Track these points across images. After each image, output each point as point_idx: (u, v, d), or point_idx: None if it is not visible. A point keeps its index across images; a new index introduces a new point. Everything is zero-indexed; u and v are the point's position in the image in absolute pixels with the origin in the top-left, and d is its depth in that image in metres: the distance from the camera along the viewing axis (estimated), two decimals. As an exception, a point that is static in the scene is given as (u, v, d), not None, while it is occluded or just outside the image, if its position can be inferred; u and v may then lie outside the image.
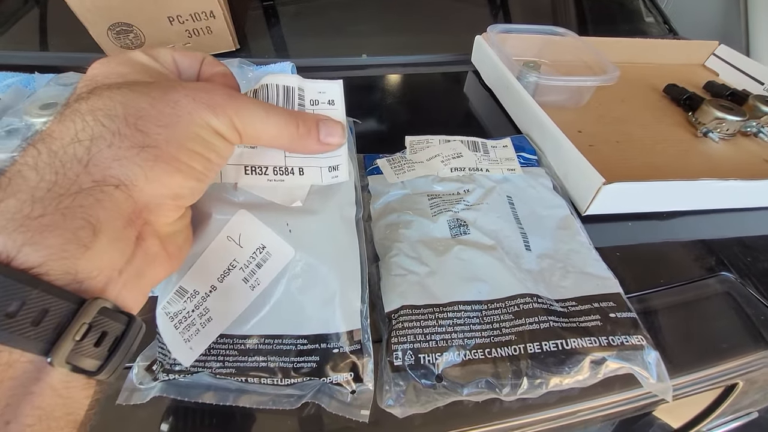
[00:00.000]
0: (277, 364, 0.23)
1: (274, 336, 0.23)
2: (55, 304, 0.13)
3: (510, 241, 0.30)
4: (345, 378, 0.23)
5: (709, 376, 0.29)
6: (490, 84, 0.52)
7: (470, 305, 0.26)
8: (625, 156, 0.42)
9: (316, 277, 0.24)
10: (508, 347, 0.24)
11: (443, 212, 0.31)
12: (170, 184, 0.17)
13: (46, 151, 0.15)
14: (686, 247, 0.35)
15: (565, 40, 0.53)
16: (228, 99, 0.18)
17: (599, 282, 0.28)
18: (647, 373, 0.24)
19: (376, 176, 0.35)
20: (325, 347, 0.23)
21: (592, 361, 0.24)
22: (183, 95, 0.17)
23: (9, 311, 0.13)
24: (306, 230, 0.24)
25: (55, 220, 0.14)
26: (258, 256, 0.23)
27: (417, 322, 0.25)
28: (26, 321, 0.13)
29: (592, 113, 0.48)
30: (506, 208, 0.32)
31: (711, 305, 0.31)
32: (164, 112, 0.16)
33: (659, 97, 0.53)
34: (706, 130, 0.45)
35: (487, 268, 0.27)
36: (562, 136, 0.36)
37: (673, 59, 0.60)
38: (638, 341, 0.24)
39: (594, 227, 0.35)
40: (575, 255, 0.30)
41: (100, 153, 0.15)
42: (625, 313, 0.26)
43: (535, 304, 0.26)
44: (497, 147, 0.39)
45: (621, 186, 0.32)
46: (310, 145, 0.22)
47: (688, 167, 0.41)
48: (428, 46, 0.61)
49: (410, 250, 0.29)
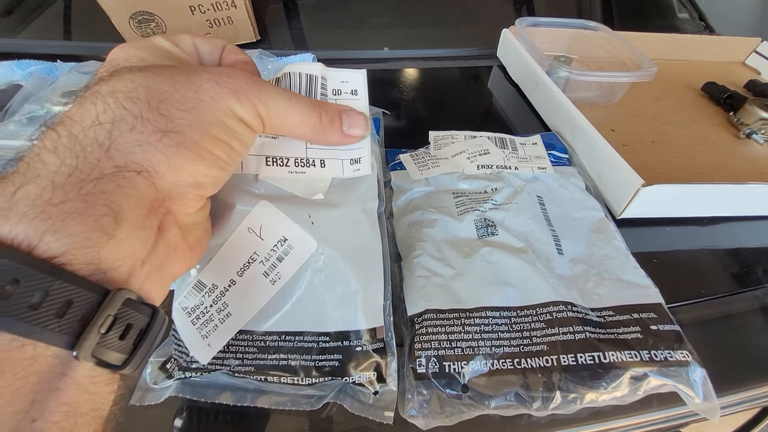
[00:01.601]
0: (298, 362, 0.22)
1: (295, 333, 0.22)
2: (79, 295, 0.13)
3: (541, 243, 0.28)
4: (368, 378, 0.22)
5: (750, 397, 0.27)
6: (516, 79, 0.50)
7: (498, 311, 0.24)
8: (662, 157, 0.40)
9: (338, 272, 0.23)
10: (540, 358, 0.22)
11: (470, 211, 0.30)
12: (193, 172, 0.16)
13: (66, 134, 0.14)
14: (729, 256, 0.32)
15: (597, 34, 0.51)
16: (252, 85, 0.18)
17: (638, 291, 0.26)
18: (693, 392, 0.22)
19: (399, 172, 0.34)
20: (348, 345, 0.22)
21: (632, 376, 0.22)
22: (206, 79, 0.17)
23: (32, 303, 0.12)
24: (328, 223, 0.24)
25: (77, 207, 0.13)
26: (279, 249, 0.23)
27: (442, 327, 0.23)
28: (50, 313, 0.12)
29: (626, 111, 0.46)
30: (536, 209, 0.30)
31: (755, 319, 0.29)
32: (187, 96, 0.16)
33: (697, 96, 0.50)
34: (750, 131, 0.42)
35: (516, 272, 0.26)
36: (597, 133, 0.34)
37: (711, 56, 0.57)
38: (683, 357, 0.23)
39: (629, 231, 0.33)
40: (611, 261, 0.28)
41: (122, 137, 0.14)
42: (668, 325, 0.24)
43: (569, 312, 0.24)
44: (526, 144, 0.37)
45: (661, 188, 0.30)
46: (332, 136, 0.22)
47: (730, 170, 0.39)
48: (451, 40, 0.60)
49: (435, 251, 0.27)
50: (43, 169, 0.13)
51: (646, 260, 0.31)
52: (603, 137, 0.34)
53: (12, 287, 0.12)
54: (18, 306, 0.12)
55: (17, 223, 0.12)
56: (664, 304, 0.25)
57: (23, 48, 0.50)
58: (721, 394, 0.26)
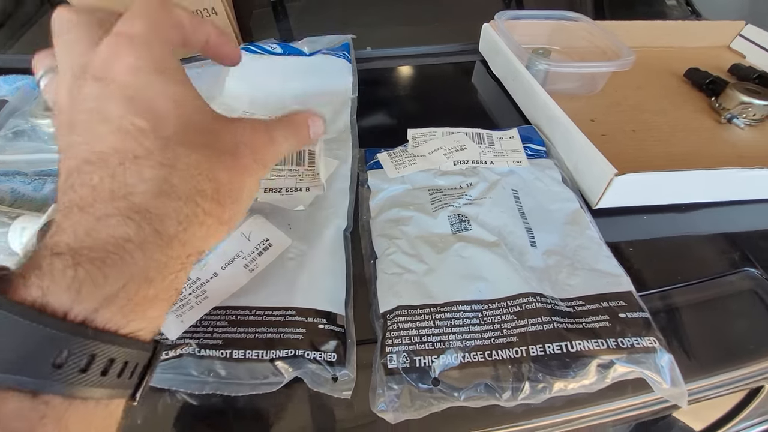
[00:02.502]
0: (265, 335, 0.23)
1: (265, 308, 0.24)
2: (135, 357, 0.15)
3: (514, 237, 0.28)
4: (328, 356, 0.22)
5: (731, 380, 0.27)
6: (497, 73, 0.50)
7: (470, 305, 0.25)
8: (642, 145, 0.40)
9: (307, 262, 0.27)
10: (510, 349, 0.23)
11: (444, 207, 0.30)
12: (219, 240, 0.19)
13: (151, 231, 0.15)
14: (707, 242, 0.32)
15: (577, 25, 0.51)
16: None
17: (610, 280, 0.26)
18: (659, 377, 0.22)
19: (376, 171, 0.34)
20: (312, 321, 0.24)
21: (600, 364, 0.22)
22: (251, 160, 0.18)
23: (118, 371, 0.14)
24: (303, 228, 0.29)
25: (158, 296, 0.15)
26: (261, 247, 0.26)
27: (413, 323, 0.24)
28: (124, 376, 0.14)
29: (607, 101, 0.46)
30: (511, 203, 0.30)
31: (734, 303, 0.29)
32: (235, 186, 0.17)
33: (680, 83, 0.50)
34: (731, 115, 0.42)
35: (488, 265, 0.26)
36: (571, 124, 0.35)
37: (695, 42, 0.57)
38: (650, 343, 0.23)
39: (606, 221, 0.33)
40: (584, 251, 0.28)
41: (194, 234, 0.16)
42: (637, 312, 0.24)
43: (538, 303, 0.24)
44: (503, 138, 0.37)
45: (634, 177, 0.30)
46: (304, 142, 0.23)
47: (710, 156, 0.39)
48: (435, 37, 0.60)
49: (408, 247, 0.28)
50: (135, 266, 0.14)
51: (623, 249, 0.31)
52: (578, 128, 0.35)
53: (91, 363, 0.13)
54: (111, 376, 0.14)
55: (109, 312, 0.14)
56: (634, 293, 0.25)
57: (11, 63, 0.51)
58: (695, 377, 0.26)
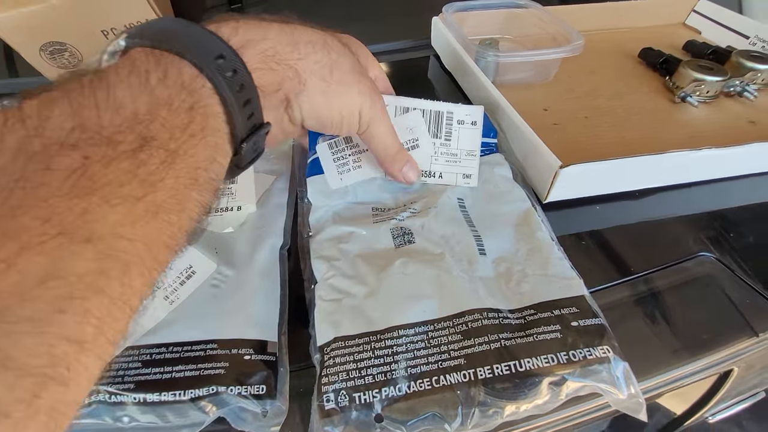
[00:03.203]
0: (183, 373, 0.21)
1: (183, 343, 0.22)
2: (257, 114, 0.20)
3: (462, 246, 0.27)
4: (256, 390, 0.21)
5: (698, 368, 0.27)
6: (449, 68, 0.48)
7: (414, 328, 0.23)
8: (595, 132, 0.39)
9: (233, 287, 0.25)
10: (457, 373, 0.21)
11: (385, 221, 0.28)
12: (311, 109, 0.23)
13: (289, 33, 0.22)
14: (662, 228, 0.32)
15: (529, 12, 0.50)
16: (381, 109, 0.26)
17: (562, 284, 0.25)
18: (615, 389, 0.21)
19: (317, 179, 0.31)
20: (236, 353, 0.22)
21: (551, 382, 0.21)
22: (367, 81, 0.25)
23: (243, 103, 0.18)
24: (231, 250, 0.27)
25: (276, 70, 0.21)
26: (183, 275, 0.24)
27: (350, 355, 0.22)
28: (247, 114, 0.19)
29: (561, 88, 0.45)
30: (457, 212, 0.29)
31: (691, 290, 0.28)
32: (349, 78, 0.24)
33: (635, 64, 0.49)
34: (684, 94, 0.41)
35: (433, 281, 0.24)
36: (517, 116, 0.33)
37: (649, 21, 0.56)
38: (603, 353, 0.21)
39: (558, 214, 0.32)
40: (536, 254, 0.26)
41: (308, 62, 0.22)
42: (590, 320, 0.23)
43: (485, 320, 0.23)
44: (464, 125, 0.32)
45: (579, 168, 0.29)
46: (394, 169, 0.29)
47: (664, 138, 0.38)
48: (388, 34, 0.58)
49: (348, 268, 0.26)
50: (274, 39, 0.21)
51: (574, 243, 0.30)
52: (529, 119, 0.33)
53: None
54: (240, 99, 0.18)
55: (253, 56, 0.20)
56: (587, 296, 0.24)
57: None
58: (656, 372, 0.25)
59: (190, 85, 0.16)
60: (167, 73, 0.16)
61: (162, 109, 0.15)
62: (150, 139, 0.14)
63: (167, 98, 0.15)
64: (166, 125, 0.15)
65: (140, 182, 0.13)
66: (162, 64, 0.16)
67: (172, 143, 0.15)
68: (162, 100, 0.15)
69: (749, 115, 0.41)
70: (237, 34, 0.19)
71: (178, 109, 0.15)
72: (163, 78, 0.16)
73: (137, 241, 0.13)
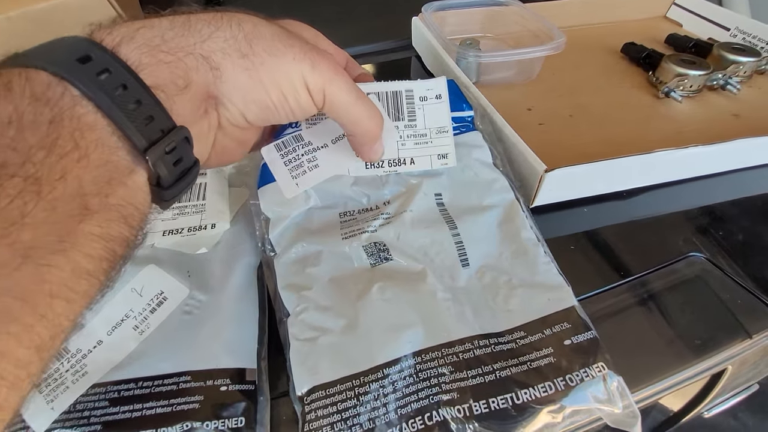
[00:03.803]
0: (153, 410, 0.20)
1: (154, 377, 0.21)
2: (160, 115, 0.16)
3: (443, 257, 0.25)
4: (234, 424, 0.19)
5: (688, 375, 0.26)
6: (431, 68, 0.47)
7: (399, 363, 0.21)
8: (579, 131, 0.38)
9: (207, 314, 0.23)
10: (451, 408, 0.19)
11: (356, 234, 0.25)
12: (245, 97, 0.19)
13: (182, 19, 0.18)
14: (651, 229, 0.31)
15: (509, 9, 0.49)
16: (331, 69, 0.20)
17: (551, 296, 0.23)
18: (611, 406, 0.20)
19: (269, 188, 0.27)
20: (212, 384, 0.20)
21: (549, 410, 0.20)
22: (299, 45, 0.20)
23: (130, 107, 0.15)
24: (204, 272, 0.25)
25: (170, 60, 0.17)
26: (154, 302, 0.23)
27: (333, 405, 0.20)
28: (141, 118, 0.15)
29: (544, 86, 0.44)
30: (435, 213, 0.27)
31: (682, 294, 0.27)
32: (277, 46, 0.19)
33: (617, 59, 0.48)
34: (668, 89, 0.41)
35: (416, 307, 0.23)
36: (501, 119, 0.33)
37: (631, 15, 0.56)
38: (599, 371, 0.20)
39: (546, 218, 0.31)
40: (522, 258, 0.25)
41: (215, 41, 0.18)
42: (582, 335, 0.22)
43: (477, 350, 0.21)
44: (428, 100, 0.28)
45: (564, 171, 0.28)
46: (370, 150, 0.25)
47: (649, 135, 0.37)
48: (370, 35, 0.57)
49: (322, 298, 0.23)
50: (159, 26, 0.17)
51: (562, 248, 0.29)
52: (513, 121, 0.32)
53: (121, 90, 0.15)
54: (125, 102, 0.15)
55: (133, 50, 0.16)
56: (577, 307, 0.23)
57: None
58: (655, 379, 0.24)
59: (45, 95, 0.13)
60: (10, 85, 0.13)
61: (8, 128, 0.12)
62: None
63: (12, 114, 0.12)
64: (17, 147, 0.12)
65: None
66: (3, 77, 0.13)
67: (29, 167, 0.12)
68: (5, 117, 0.12)
69: (733, 108, 0.40)
70: (112, 32, 0.16)
71: (32, 124, 0.13)
72: (5, 92, 0.13)
73: (1, 296, 0.11)
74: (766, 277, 0.28)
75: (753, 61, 0.42)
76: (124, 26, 0.16)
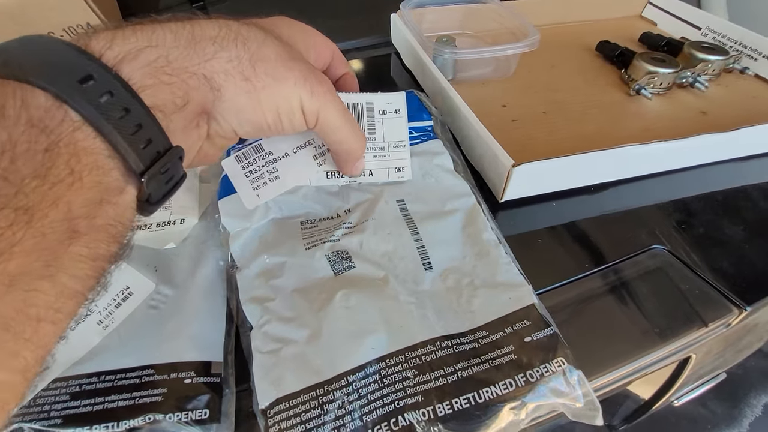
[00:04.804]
0: (116, 403, 0.20)
1: (116, 371, 0.21)
2: (157, 136, 0.16)
3: (405, 262, 0.25)
4: (198, 415, 0.20)
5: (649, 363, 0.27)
6: (409, 65, 0.48)
7: (364, 369, 0.21)
8: (552, 127, 0.39)
9: (173, 308, 0.23)
10: (416, 411, 0.20)
11: (319, 244, 0.25)
12: (242, 118, 0.20)
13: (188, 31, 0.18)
14: (617, 222, 0.32)
15: (487, 7, 0.49)
16: (327, 94, 0.22)
17: (512, 294, 0.24)
18: (572, 400, 0.20)
19: (230, 200, 0.26)
20: (176, 377, 0.21)
21: (512, 407, 0.20)
22: (300, 69, 0.21)
23: (130, 130, 0.15)
24: (172, 268, 0.25)
25: (172, 81, 0.17)
26: (120, 297, 0.23)
27: (297, 416, 0.19)
28: (140, 141, 0.15)
29: (520, 83, 0.45)
30: (398, 219, 0.27)
31: (643, 284, 0.28)
32: (279, 70, 0.20)
33: (593, 57, 0.49)
34: (639, 87, 0.42)
35: (379, 313, 0.23)
36: (472, 114, 0.33)
37: (608, 13, 0.57)
38: (559, 366, 0.21)
39: (514, 213, 0.32)
40: (484, 260, 0.25)
41: (219, 62, 0.18)
42: (542, 331, 0.22)
43: (439, 351, 0.22)
44: (387, 114, 0.29)
45: (532, 166, 0.29)
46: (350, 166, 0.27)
47: (619, 131, 0.38)
48: (351, 31, 0.57)
49: (285, 309, 0.23)
50: (164, 44, 0.17)
51: (529, 242, 0.30)
52: (485, 117, 0.33)
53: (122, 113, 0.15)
54: (126, 126, 0.15)
55: (136, 70, 0.16)
56: (536, 305, 0.23)
57: None
58: (618, 365, 0.25)
59: (43, 121, 0.13)
60: (4, 110, 0.12)
61: (1, 158, 0.12)
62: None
63: (6, 143, 0.12)
64: (9, 178, 0.12)
65: None
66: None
67: (21, 198, 0.12)
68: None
69: (701, 105, 0.41)
70: (112, 46, 0.15)
71: (26, 153, 0.12)
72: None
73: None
74: (723, 269, 0.29)
75: (721, 60, 0.43)
76: (125, 40, 0.16)
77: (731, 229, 0.31)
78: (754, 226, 0.31)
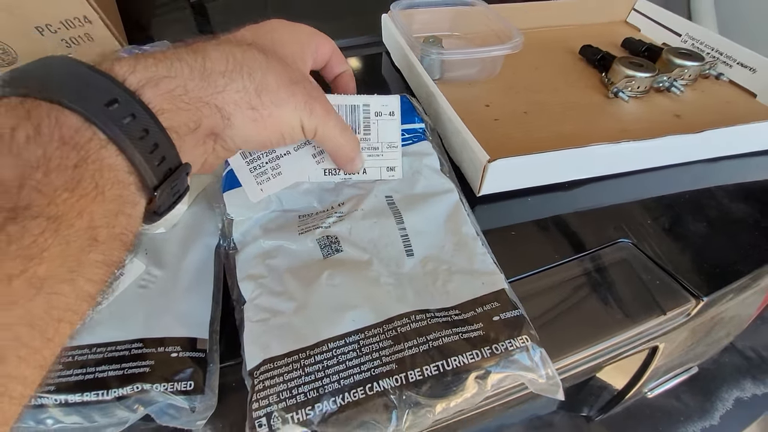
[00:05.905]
0: (106, 373, 0.21)
1: (107, 343, 0.22)
2: (170, 155, 0.18)
3: (389, 249, 0.27)
4: (183, 386, 0.21)
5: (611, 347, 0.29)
6: (398, 64, 0.49)
7: (344, 339, 0.23)
8: (531, 127, 0.40)
9: (162, 288, 0.25)
10: (390, 378, 0.21)
11: (311, 230, 0.27)
12: (247, 142, 0.23)
13: (201, 65, 0.20)
14: (587, 217, 0.33)
15: (475, 9, 0.51)
16: (325, 114, 0.24)
17: (485, 280, 0.26)
18: (534, 374, 0.22)
19: (235, 192, 0.28)
20: (163, 351, 0.22)
21: (477, 376, 0.22)
22: (300, 93, 0.23)
23: (148, 149, 0.17)
24: (162, 251, 0.26)
25: (187, 108, 0.19)
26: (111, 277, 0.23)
27: (280, 376, 0.21)
28: (156, 159, 0.17)
29: (504, 84, 0.46)
30: (385, 209, 0.29)
31: (609, 275, 0.30)
32: (281, 96, 0.22)
33: (575, 61, 0.51)
34: (617, 89, 0.43)
35: (361, 291, 0.25)
36: (453, 111, 0.35)
37: (593, 18, 0.59)
38: (522, 342, 0.23)
39: (491, 207, 0.33)
40: (461, 250, 0.27)
41: (229, 93, 0.21)
42: (509, 312, 0.24)
43: (413, 323, 0.23)
44: (382, 116, 0.31)
45: (506, 162, 0.30)
46: (349, 167, 0.29)
47: (596, 132, 0.40)
48: (343, 30, 0.58)
49: (276, 284, 0.25)
50: (181, 75, 0.19)
51: (503, 235, 0.31)
52: (467, 115, 0.35)
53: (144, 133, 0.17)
54: (145, 146, 0.17)
55: (157, 96, 0.18)
56: (506, 290, 0.25)
57: None
58: (582, 348, 0.27)
59: (74, 139, 0.14)
60: (40, 128, 0.14)
61: (36, 171, 0.13)
62: (22, 208, 0.12)
63: (41, 158, 0.13)
64: (43, 190, 0.13)
65: (13, 258, 0.12)
66: (34, 117, 0.14)
67: (53, 208, 0.13)
68: (34, 161, 0.13)
69: (675, 109, 0.43)
70: (135, 71, 0.17)
71: (58, 168, 0.14)
72: (34, 135, 0.14)
73: (15, 324, 0.12)
74: (684, 262, 0.30)
75: (697, 66, 0.45)
76: (146, 68, 0.18)
77: (694, 226, 0.33)
78: (716, 223, 0.33)
